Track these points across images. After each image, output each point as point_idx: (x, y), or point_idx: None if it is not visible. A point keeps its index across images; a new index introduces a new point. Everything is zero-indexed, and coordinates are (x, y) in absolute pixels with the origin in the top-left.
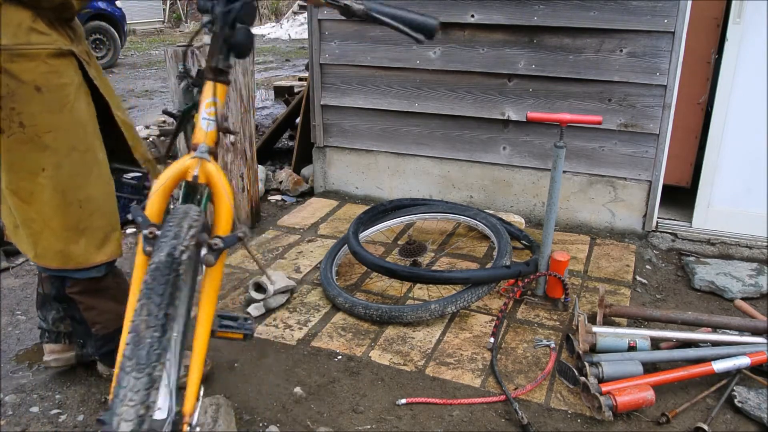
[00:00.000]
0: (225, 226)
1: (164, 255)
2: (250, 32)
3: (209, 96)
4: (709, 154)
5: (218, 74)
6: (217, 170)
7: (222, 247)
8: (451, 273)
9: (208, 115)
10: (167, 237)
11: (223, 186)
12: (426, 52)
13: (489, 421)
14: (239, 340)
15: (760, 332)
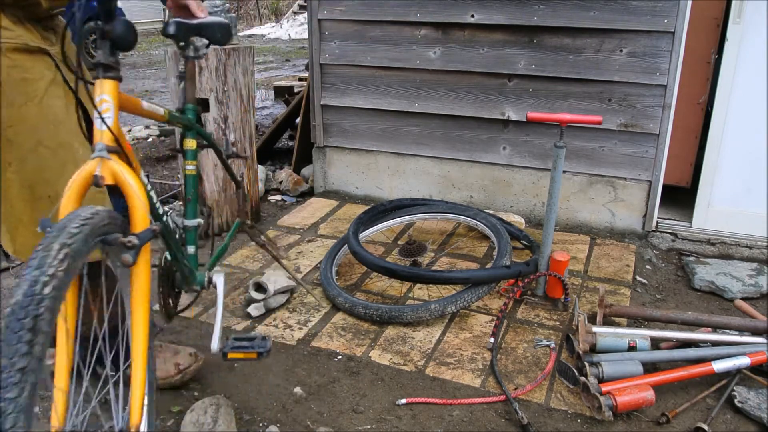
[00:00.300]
0: (141, 223)
1: (20, 294)
2: (129, 24)
3: (99, 94)
4: (709, 154)
5: (106, 70)
6: (122, 167)
7: (137, 243)
8: (451, 273)
9: (100, 113)
10: (29, 267)
11: (132, 183)
12: (426, 52)
13: (489, 421)
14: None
15: (760, 332)
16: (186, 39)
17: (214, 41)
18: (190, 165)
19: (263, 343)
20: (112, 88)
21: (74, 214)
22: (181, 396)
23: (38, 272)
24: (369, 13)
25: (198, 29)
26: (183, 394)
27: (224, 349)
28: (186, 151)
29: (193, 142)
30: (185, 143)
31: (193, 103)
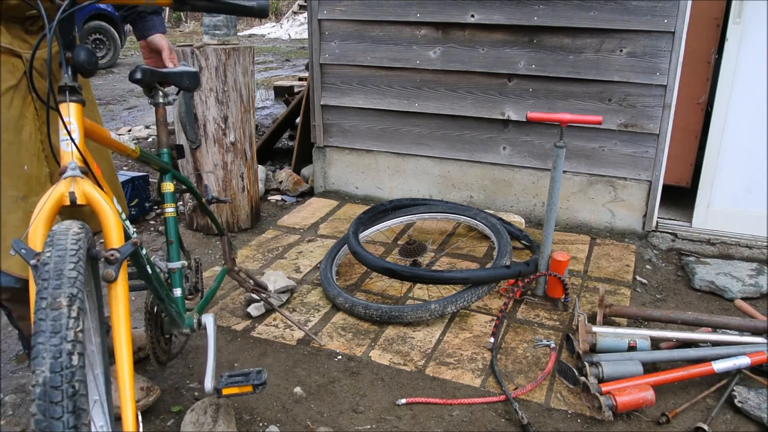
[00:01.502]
0: (118, 239)
1: (47, 369)
2: (90, 51)
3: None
4: (709, 154)
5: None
6: (93, 187)
7: (119, 257)
8: (451, 273)
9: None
10: (43, 331)
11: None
12: (426, 52)
13: (489, 421)
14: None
15: (760, 332)
16: (153, 85)
17: (183, 88)
18: (169, 208)
19: (258, 376)
20: (77, 111)
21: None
22: (181, 396)
23: (58, 339)
24: (369, 13)
25: (165, 77)
26: (183, 394)
27: (218, 386)
28: (164, 194)
29: (171, 185)
30: (163, 186)
31: (167, 147)
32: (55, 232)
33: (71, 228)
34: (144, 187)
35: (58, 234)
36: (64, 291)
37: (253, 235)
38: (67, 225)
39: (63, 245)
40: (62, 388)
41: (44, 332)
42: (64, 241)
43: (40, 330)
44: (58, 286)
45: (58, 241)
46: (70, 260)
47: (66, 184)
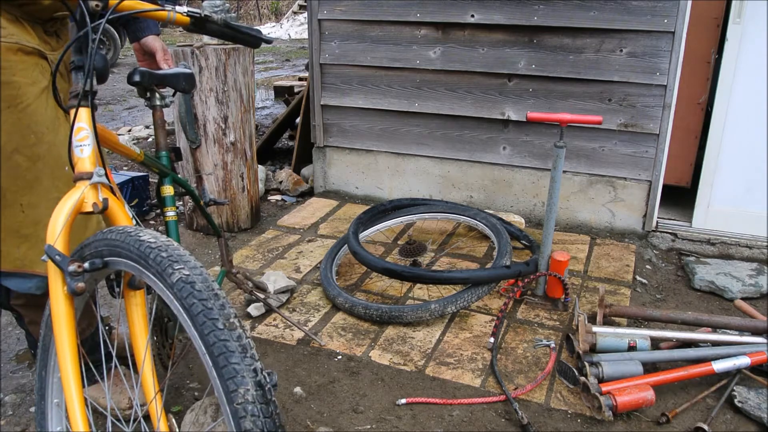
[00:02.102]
0: None
1: (252, 390)
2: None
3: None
4: (709, 154)
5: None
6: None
7: None
8: (451, 273)
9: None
10: (233, 353)
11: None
12: (426, 52)
13: (489, 421)
14: None
15: (760, 332)
16: (150, 88)
17: (179, 90)
18: (170, 211)
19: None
20: (89, 116)
21: (194, 265)
22: (181, 396)
23: (250, 359)
24: (369, 13)
25: (162, 79)
26: (183, 394)
27: None
28: (164, 198)
29: (171, 188)
30: (162, 190)
31: (165, 150)
32: (167, 246)
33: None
34: (144, 188)
35: (172, 247)
36: (228, 311)
37: (253, 235)
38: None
39: (192, 262)
40: (271, 401)
41: (234, 353)
42: (189, 257)
43: (228, 351)
44: (222, 306)
45: (180, 257)
46: (211, 278)
47: (91, 190)
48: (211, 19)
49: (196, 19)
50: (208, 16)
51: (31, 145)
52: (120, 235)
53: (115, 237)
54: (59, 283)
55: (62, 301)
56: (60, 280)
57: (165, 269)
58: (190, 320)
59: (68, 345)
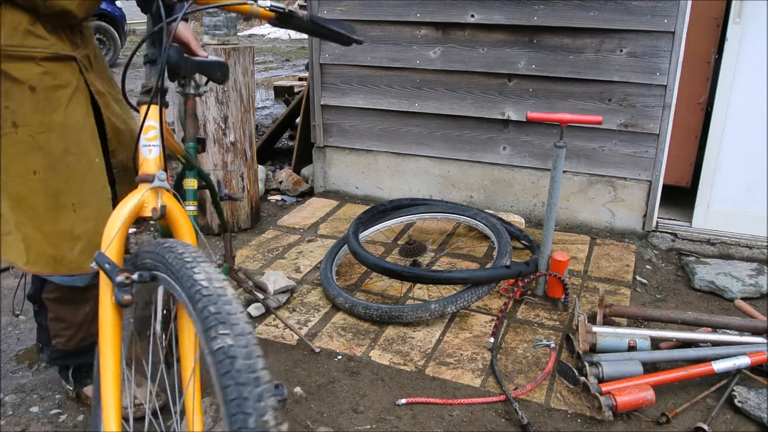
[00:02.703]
0: None
1: None
2: (180, 52)
3: (148, 119)
4: (709, 154)
5: (156, 96)
6: (175, 203)
7: None
8: (451, 273)
9: (147, 140)
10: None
11: (182, 218)
12: (426, 52)
13: (489, 421)
14: None
15: (760, 332)
16: (188, 75)
17: (214, 80)
18: (190, 206)
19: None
20: (159, 115)
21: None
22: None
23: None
24: (369, 13)
25: (200, 66)
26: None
27: None
28: (187, 191)
29: (194, 181)
30: (186, 183)
31: (193, 141)
32: (219, 298)
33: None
34: None
35: (223, 300)
36: (265, 404)
37: (253, 235)
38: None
39: (240, 324)
40: None
41: (242, 403)
42: (239, 316)
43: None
44: (259, 398)
45: (229, 316)
46: (256, 350)
47: (152, 195)
48: (296, 15)
49: (280, 14)
50: (293, 11)
51: (76, 141)
52: (176, 260)
53: (171, 260)
54: (108, 292)
55: (109, 311)
56: (109, 290)
57: (209, 328)
58: (223, 402)
59: (111, 355)
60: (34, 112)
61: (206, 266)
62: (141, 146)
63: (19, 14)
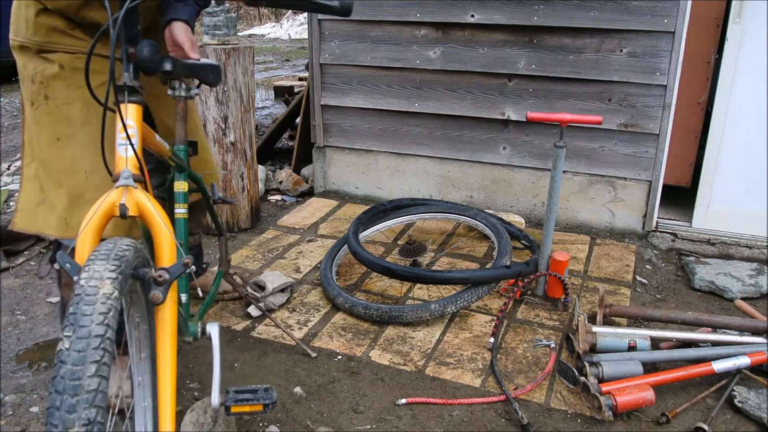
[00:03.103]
0: (169, 257)
1: None
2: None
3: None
4: (709, 154)
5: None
6: (147, 198)
7: (168, 278)
8: (451, 273)
9: (123, 139)
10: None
11: (158, 215)
12: (426, 52)
13: (489, 421)
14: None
15: (760, 332)
16: (179, 77)
17: (206, 82)
18: (180, 208)
19: (268, 395)
20: (136, 113)
21: (97, 283)
22: (181, 396)
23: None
24: (369, 13)
25: (191, 69)
26: (183, 394)
27: (226, 403)
28: (177, 194)
29: (185, 184)
30: (176, 185)
31: (184, 144)
32: (94, 260)
33: (111, 253)
34: None
35: (95, 266)
36: (91, 356)
37: (253, 235)
38: (107, 249)
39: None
40: None
41: (55, 408)
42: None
43: (54, 387)
44: (85, 339)
45: (96, 289)
46: (99, 309)
47: (118, 193)
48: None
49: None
50: None
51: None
52: None
53: None
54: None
55: None
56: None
57: (63, 329)
58: None
59: None
60: (62, 87)
61: (99, 264)
62: (117, 145)
63: (58, 19)
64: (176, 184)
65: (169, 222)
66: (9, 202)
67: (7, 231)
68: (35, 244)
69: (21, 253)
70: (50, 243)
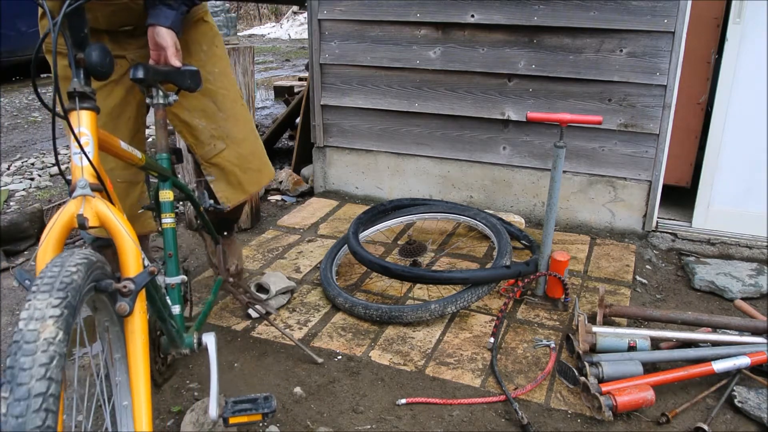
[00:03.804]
0: (134, 266)
1: None
2: (105, 49)
3: (75, 126)
4: (709, 154)
5: (82, 100)
6: (107, 206)
7: (134, 288)
8: (451, 273)
9: (77, 148)
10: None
11: (119, 223)
12: (426, 52)
13: (489, 421)
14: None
15: (760, 332)
16: (154, 84)
17: (185, 88)
18: (168, 218)
19: (267, 404)
20: (90, 120)
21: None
22: (181, 396)
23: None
24: (369, 13)
25: (166, 75)
26: (183, 394)
27: (224, 414)
28: (162, 203)
29: (170, 193)
30: (161, 195)
31: (166, 152)
32: (44, 274)
33: (64, 267)
34: None
35: (45, 282)
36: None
37: (253, 235)
38: (60, 261)
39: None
40: None
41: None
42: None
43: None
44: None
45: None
46: (40, 360)
47: (76, 203)
48: None
49: None
50: None
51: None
52: None
53: None
54: None
55: None
56: None
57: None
58: None
59: None
60: None
61: (40, 300)
62: (72, 154)
63: None
64: (161, 193)
65: (132, 230)
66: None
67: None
68: (35, 244)
69: (21, 253)
70: None
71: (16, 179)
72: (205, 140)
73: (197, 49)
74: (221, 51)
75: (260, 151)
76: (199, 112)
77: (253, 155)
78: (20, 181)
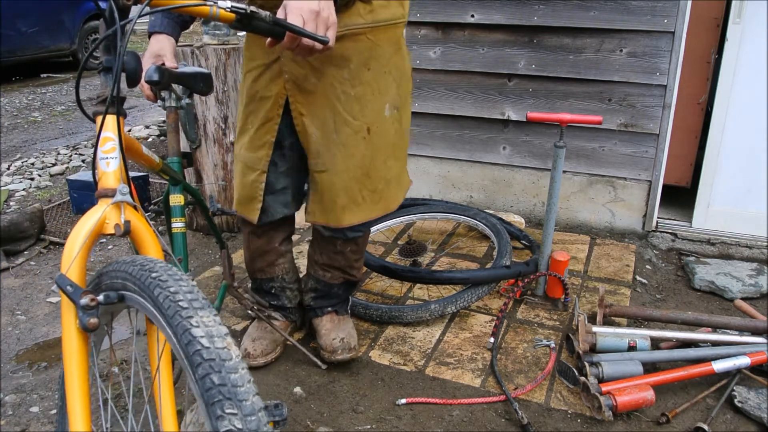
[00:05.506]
0: None
1: None
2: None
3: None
4: (709, 154)
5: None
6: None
7: None
8: (451, 273)
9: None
10: None
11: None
12: (426, 51)
13: (489, 421)
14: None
15: (760, 332)
16: (168, 87)
17: (197, 91)
18: (178, 222)
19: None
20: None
21: None
22: (181, 396)
23: None
24: None
25: (180, 78)
26: (183, 394)
27: None
28: (173, 207)
29: (182, 197)
30: (172, 199)
31: (177, 156)
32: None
33: None
34: (144, 188)
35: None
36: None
37: None
38: None
39: (249, 401)
40: None
41: None
42: (248, 388)
43: None
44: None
45: (234, 391)
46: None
47: (113, 210)
48: (257, 16)
49: (241, 15)
50: (255, 12)
51: None
52: (168, 303)
53: (146, 281)
54: (72, 317)
55: (74, 336)
56: (72, 314)
57: (212, 404)
58: None
59: (78, 385)
60: None
61: (204, 314)
62: (98, 159)
63: None
64: (171, 197)
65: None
66: (9, 202)
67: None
68: (35, 244)
69: (21, 253)
70: None
71: (16, 179)
72: (312, 150)
73: (343, 63)
74: (375, 78)
75: (353, 190)
76: (319, 122)
77: (345, 192)
78: (20, 181)
